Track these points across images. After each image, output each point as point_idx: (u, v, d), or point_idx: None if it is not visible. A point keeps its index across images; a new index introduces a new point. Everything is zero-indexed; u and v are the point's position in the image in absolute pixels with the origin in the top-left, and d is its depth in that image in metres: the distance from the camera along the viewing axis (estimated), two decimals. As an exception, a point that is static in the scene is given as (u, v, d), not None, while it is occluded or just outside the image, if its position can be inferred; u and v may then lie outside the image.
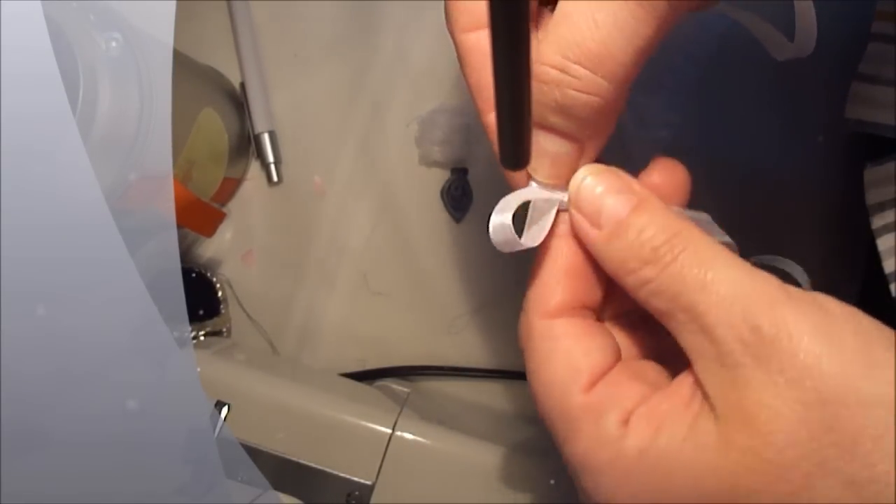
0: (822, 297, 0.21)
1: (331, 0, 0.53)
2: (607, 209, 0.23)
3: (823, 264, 0.50)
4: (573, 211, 0.24)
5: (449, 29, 0.25)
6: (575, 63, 0.21)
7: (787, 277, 0.28)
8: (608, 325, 0.27)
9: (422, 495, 0.40)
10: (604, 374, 0.23)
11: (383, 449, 0.41)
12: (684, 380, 0.22)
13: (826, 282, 0.50)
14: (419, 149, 0.52)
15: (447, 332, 0.53)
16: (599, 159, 0.26)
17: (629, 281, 0.23)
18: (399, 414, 0.42)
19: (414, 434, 0.41)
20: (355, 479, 0.40)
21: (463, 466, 0.41)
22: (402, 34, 0.52)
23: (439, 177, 0.52)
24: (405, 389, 0.49)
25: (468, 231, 0.52)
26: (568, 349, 0.23)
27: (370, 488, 0.40)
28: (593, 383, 0.23)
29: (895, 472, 0.18)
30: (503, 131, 0.20)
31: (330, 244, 0.54)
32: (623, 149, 0.50)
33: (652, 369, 0.25)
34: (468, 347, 0.52)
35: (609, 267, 0.23)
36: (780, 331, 0.20)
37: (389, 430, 0.41)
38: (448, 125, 0.51)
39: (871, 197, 0.42)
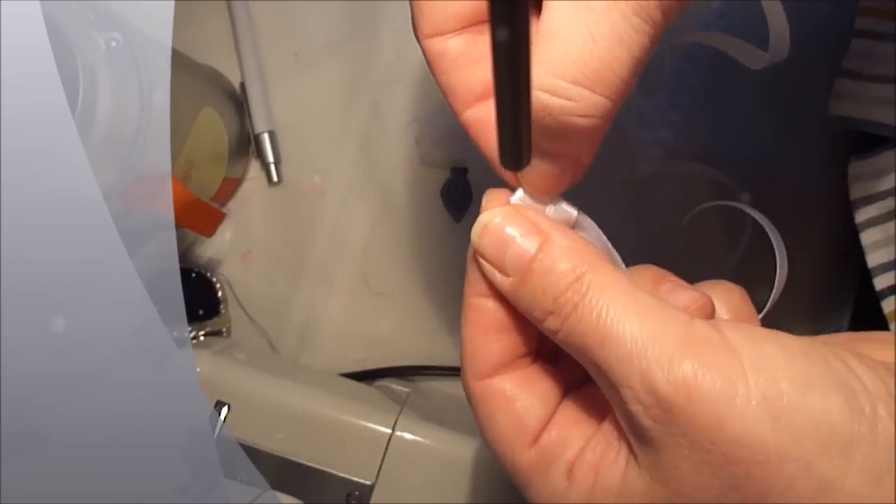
0: (730, 329, 0.20)
1: (331, 0, 0.53)
2: (511, 256, 0.22)
3: (823, 262, 0.50)
4: (479, 258, 0.23)
5: (415, 36, 0.25)
6: (571, 83, 0.20)
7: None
8: (551, 354, 0.26)
9: (422, 495, 0.40)
10: (547, 421, 0.23)
11: (383, 449, 0.41)
12: (612, 423, 0.22)
13: (826, 280, 0.50)
14: (419, 149, 0.52)
15: (447, 332, 0.53)
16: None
17: (541, 328, 0.22)
18: (399, 414, 0.42)
19: (414, 434, 0.41)
20: (355, 479, 0.40)
21: (463, 466, 0.41)
22: (402, 34, 0.52)
23: (439, 177, 0.52)
24: (405, 389, 0.49)
25: (468, 231, 0.51)
26: (508, 408, 0.23)
27: (370, 488, 0.40)
28: (537, 436, 0.23)
29: None
30: (503, 131, 0.20)
31: (330, 244, 0.54)
32: (623, 149, 0.50)
33: (592, 399, 0.24)
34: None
35: (524, 314, 0.22)
36: (679, 392, 0.19)
37: (389, 430, 0.41)
38: (448, 125, 0.51)
39: (855, 192, 0.43)
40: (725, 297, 0.25)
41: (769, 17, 0.27)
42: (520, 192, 0.24)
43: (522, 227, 0.22)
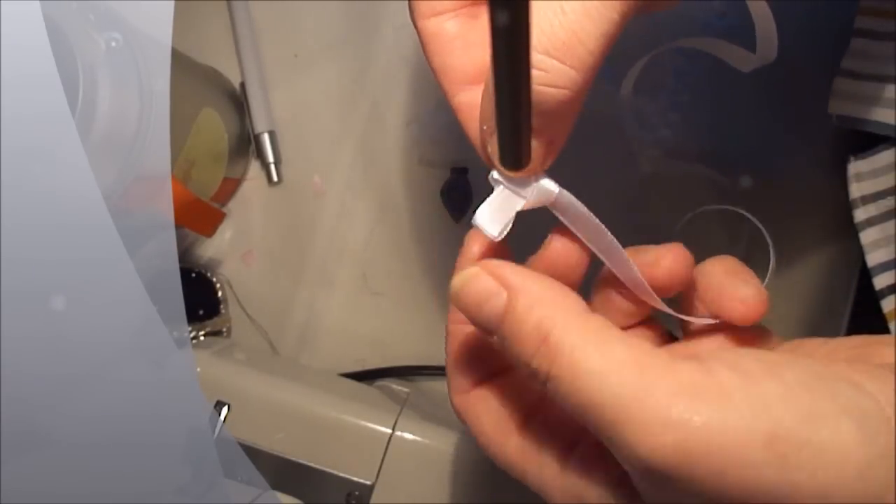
0: (720, 369, 0.18)
1: (331, 0, 0.53)
2: (485, 316, 0.22)
3: (822, 262, 0.50)
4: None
5: (411, 18, 0.25)
6: (542, 54, 0.20)
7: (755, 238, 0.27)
8: None
9: (422, 495, 0.40)
10: (530, 414, 0.24)
11: (383, 449, 0.41)
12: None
13: (825, 280, 0.50)
14: (419, 149, 0.52)
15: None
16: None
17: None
18: (399, 414, 0.42)
19: (414, 434, 0.41)
20: (355, 479, 0.40)
21: (463, 466, 0.41)
22: (402, 34, 0.52)
23: (439, 177, 0.52)
24: (405, 389, 0.49)
25: (467, 231, 0.52)
26: (493, 405, 0.25)
27: (370, 488, 0.40)
28: (524, 424, 0.24)
29: None
30: (503, 131, 0.20)
31: (330, 244, 0.54)
32: (623, 149, 0.50)
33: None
34: (468, 347, 0.52)
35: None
36: (669, 459, 0.17)
37: (389, 430, 0.41)
38: (448, 125, 0.51)
39: (855, 191, 0.43)
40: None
41: (756, 19, 0.27)
42: (495, 173, 0.24)
43: (488, 282, 0.22)
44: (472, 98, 0.24)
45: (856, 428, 0.17)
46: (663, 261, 0.24)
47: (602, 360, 0.19)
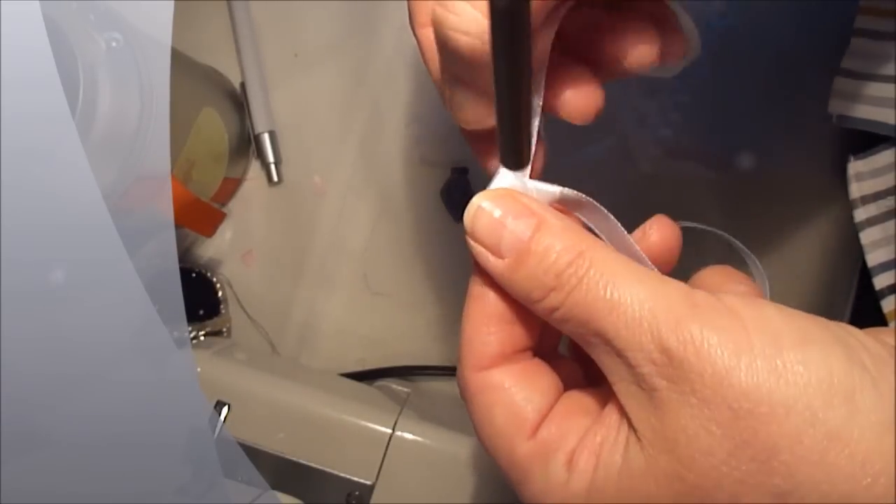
0: (731, 298, 0.20)
1: (331, 0, 0.53)
2: (507, 237, 0.22)
3: (822, 262, 0.50)
4: (472, 242, 0.23)
5: (411, 26, 0.25)
6: None
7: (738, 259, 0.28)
8: (549, 355, 0.26)
9: (422, 495, 0.40)
10: (546, 414, 0.23)
11: (383, 449, 0.41)
12: (613, 405, 0.22)
13: (825, 280, 0.50)
14: (419, 149, 0.52)
15: (447, 332, 0.53)
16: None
17: (538, 309, 0.22)
18: (399, 414, 0.42)
19: (414, 434, 0.41)
20: (355, 479, 0.40)
21: (463, 466, 0.41)
22: (402, 34, 0.52)
23: (439, 177, 0.52)
24: (405, 389, 0.49)
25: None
26: (507, 399, 0.23)
27: (370, 488, 0.40)
28: (536, 428, 0.23)
29: (815, 477, 0.18)
30: (503, 131, 0.20)
31: (330, 244, 0.54)
32: (623, 149, 0.50)
33: (592, 396, 0.24)
34: (468, 347, 0.52)
35: (517, 297, 0.23)
36: (688, 348, 0.19)
37: (389, 430, 0.41)
38: (448, 125, 0.51)
39: (854, 191, 0.43)
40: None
41: (677, 14, 0.27)
42: (498, 176, 0.24)
43: (516, 209, 0.22)
44: None
45: (844, 356, 0.19)
46: (651, 231, 0.25)
47: (633, 273, 0.21)
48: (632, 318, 0.20)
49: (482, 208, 0.23)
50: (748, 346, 0.19)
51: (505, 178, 0.24)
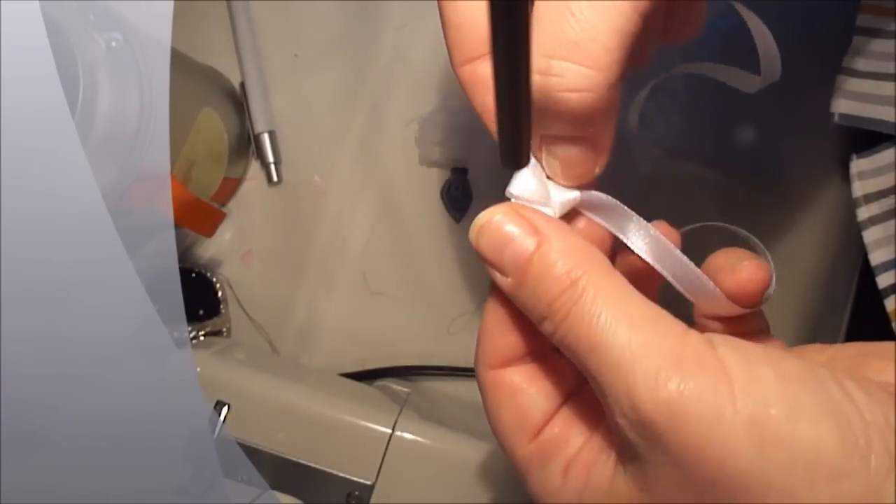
0: (724, 347, 0.19)
1: (331, 0, 0.53)
2: (507, 257, 0.22)
3: (823, 260, 0.50)
4: (480, 257, 0.23)
5: (452, 66, 0.25)
6: (556, 59, 0.20)
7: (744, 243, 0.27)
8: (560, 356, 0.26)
9: (422, 495, 0.40)
10: (550, 418, 0.24)
11: (383, 449, 0.41)
12: (606, 426, 0.23)
13: (826, 279, 0.50)
14: (419, 149, 0.52)
15: (447, 332, 0.53)
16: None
17: (540, 329, 0.22)
18: (399, 414, 0.42)
19: (414, 434, 0.41)
20: (355, 479, 0.40)
21: (463, 466, 0.41)
22: (402, 34, 0.52)
23: (439, 177, 0.52)
24: (405, 389, 0.49)
25: (468, 231, 0.52)
26: (514, 400, 0.24)
27: (370, 488, 0.40)
28: (539, 431, 0.23)
29: None
30: (503, 132, 0.20)
31: (330, 244, 0.54)
32: (623, 149, 0.50)
33: (596, 401, 0.24)
34: (468, 347, 0.52)
35: (524, 313, 0.23)
36: (662, 413, 0.18)
37: (389, 430, 0.41)
38: (448, 125, 0.51)
39: (857, 189, 0.43)
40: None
41: (757, 39, 0.27)
42: (516, 182, 0.24)
43: (520, 226, 0.22)
44: None
45: (836, 434, 0.18)
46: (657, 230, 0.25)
47: (622, 310, 0.20)
48: (611, 363, 0.19)
49: (486, 225, 0.23)
50: (731, 414, 0.18)
51: (523, 180, 0.23)
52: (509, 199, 0.24)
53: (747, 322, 0.25)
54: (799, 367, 0.19)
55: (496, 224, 0.22)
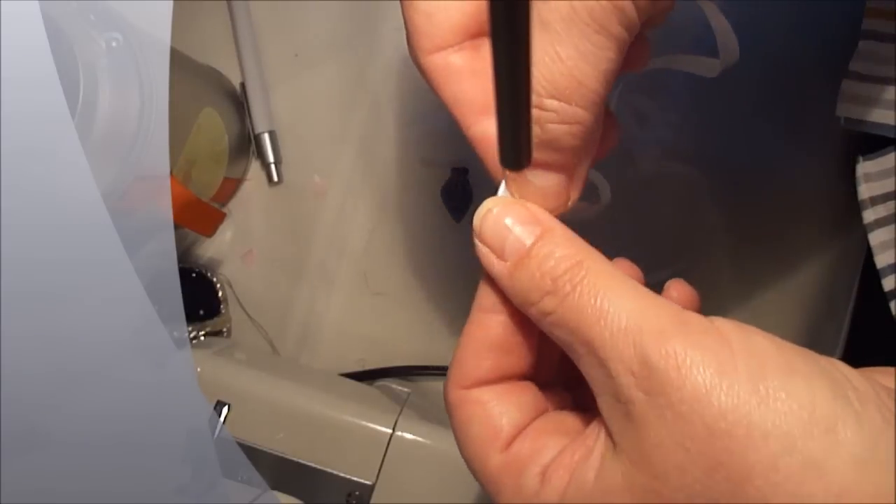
0: (721, 321, 0.21)
1: (331, 0, 0.53)
2: (511, 240, 0.23)
3: (826, 263, 0.50)
4: (478, 243, 0.24)
5: (412, 56, 0.26)
6: (548, 98, 0.21)
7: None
8: (542, 385, 0.26)
9: (422, 495, 0.40)
10: (523, 428, 0.24)
11: (383, 449, 0.41)
12: (595, 424, 0.22)
13: (828, 281, 0.50)
14: (419, 149, 0.52)
15: (447, 332, 0.53)
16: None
17: (532, 312, 0.22)
18: (399, 414, 0.42)
19: (414, 434, 0.41)
20: (355, 479, 0.40)
21: (463, 466, 0.41)
22: (402, 34, 0.52)
23: (439, 177, 0.52)
24: (405, 389, 0.49)
25: (468, 231, 0.51)
26: (484, 412, 0.24)
27: (370, 488, 0.40)
28: (511, 441, 0.23)
29: None
30: (504, 132, 0.20)
31: (330, 244, 0.54)
32: (623, 149, 0.50)
33: (574, 417, 0.24)
34: (468, 347, 0.52)
35: (514, 299, 0.23)
36: (669, 363, 0.19)
37: (389, 430, 0.41)
38: (448, 125, 0.51)
39: (864, 192, 0.43)
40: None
41: (712, 22, 0.28)
42: (502, 188, 0.24)
43: (525, 215, 0.23)
44: (490, 128, 0.25)
45: (829, 390, 0.19)
46: (670, 291, 0.27)
47: (627, 287, 0.21)
48: (618, 327, 0.20)
49: (491, 211, 0.24)
50: (732, 368, 0.19)
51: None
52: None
53: None
54: (789, 343, 0.20)
55: (502, 212, 0.23)
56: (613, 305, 0.21)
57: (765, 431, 0.18)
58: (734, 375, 0.19)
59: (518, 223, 0.23)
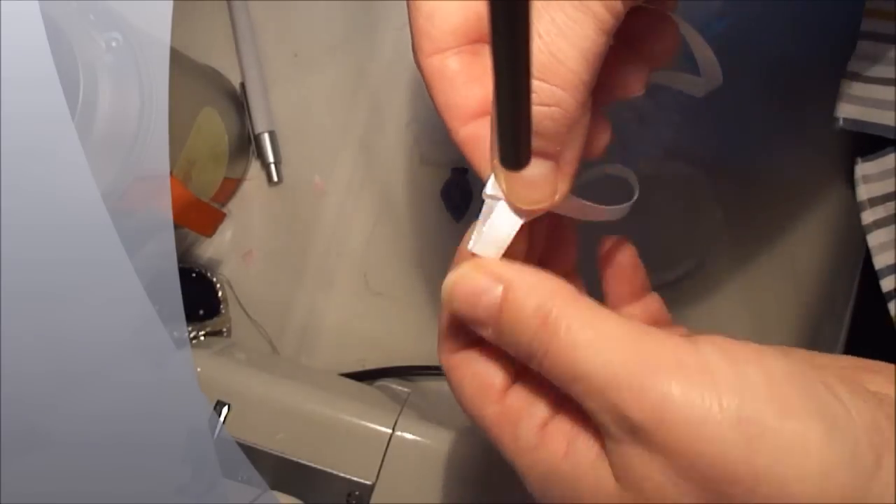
0: (709, 350, 0.20)
1: (331, 0, 0.53)
2: (481, 314, 0.23)
3: (825, 264, 0.50)
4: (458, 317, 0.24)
5: (414, 56, 0.26)
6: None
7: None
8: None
9: (422, 495, 0.40)
10: (513, 383, 0.24)
11: (383, 449, 0.41)
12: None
13: (827, 282, 0.50)
14: (419, 149, 0.52)
15: (447, 332, 0.53)
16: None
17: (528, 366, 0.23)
18: (399, 414, 0.42)
19: (414, 434, 0.41)
20: (355, 479, 0.40)
21: (463, 466, 0.41)
22: (402, 34, 0.52)
23: (439, 177, 0.52)
24: (405, 389, 0.49)
25: (468, 230, 0.52)
26: (476, 369, 0.24)
27: (370, 488, 0.40)
28: (504, 392, 0.24)
29: None
30: (503, 131, 0.20)
31: (330, 244, 0.54)
32: (623, 149, 0.50)
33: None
34: (468, 347, 0.52)
35: (515, 357, 0.23)
36: (649, 419, 0.19)
37: (389, 430, 0.41)
38: (448, 125, 0.51)
39: (862, 193, 0.43)
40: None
41: (694, 48, 0.28)
42: (490, 184, 0.24)
43: (483, 280, 0.23)
44: (476, 131, 0.25)
45: (823, 430, 0.18)
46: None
47: (596, 334, 0.21)
48: (595, 387, 0.20)
49: (453, 288, 0.23)
50: (718, 412, 0.18)
51: (498, 213, 0.24)
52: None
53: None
54: (785, 366, 0.19)
55: (462, 285, 0.23)
56: (587, 363, 0.20)
57: (756, 477, 0.18)
58: (719, 420, 0.18)
59: (482, 290, 0.23)
